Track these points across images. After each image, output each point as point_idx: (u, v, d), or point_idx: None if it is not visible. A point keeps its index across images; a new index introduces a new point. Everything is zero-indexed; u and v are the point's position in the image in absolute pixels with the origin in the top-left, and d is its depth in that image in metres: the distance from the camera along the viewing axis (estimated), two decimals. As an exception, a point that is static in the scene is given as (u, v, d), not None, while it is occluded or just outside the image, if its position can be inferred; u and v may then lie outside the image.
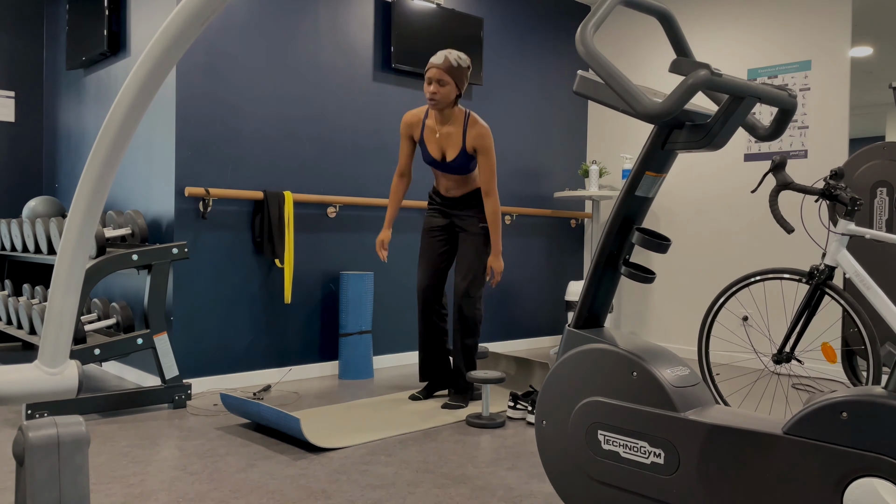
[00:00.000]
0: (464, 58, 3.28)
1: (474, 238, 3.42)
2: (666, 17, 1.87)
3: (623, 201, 1.85)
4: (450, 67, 3.22)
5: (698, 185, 5.07)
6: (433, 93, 3.23)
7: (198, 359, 3.66)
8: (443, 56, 3.23)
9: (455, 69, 3.23)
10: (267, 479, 2.39)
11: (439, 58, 3.24)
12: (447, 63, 3.22)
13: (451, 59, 3.23)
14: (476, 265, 3.39)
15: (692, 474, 1.64)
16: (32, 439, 1.45)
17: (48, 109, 4.94)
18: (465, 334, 3.41)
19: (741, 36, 4.87)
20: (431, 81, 3.23)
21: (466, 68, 3.28)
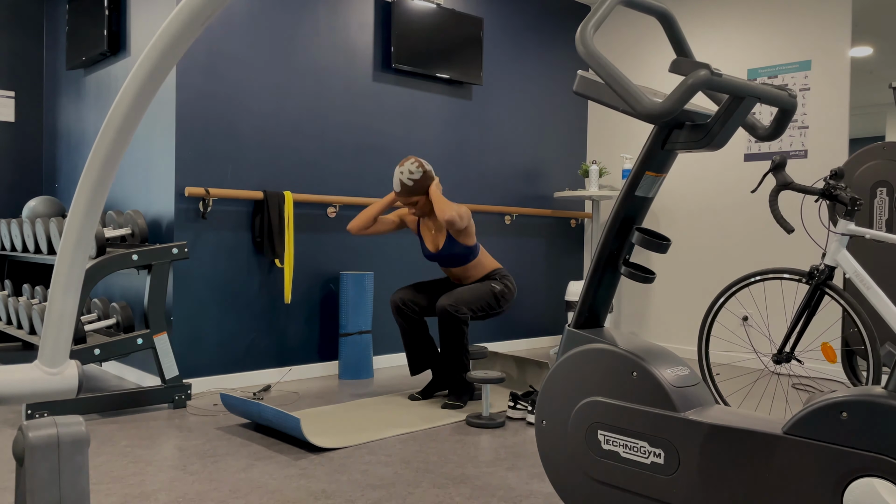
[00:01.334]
0: (414, 168, 3.38)
1: (480, 285, 3.47)
2: (666, 17, 1.87)
3: (623, 201, 1.85)
4: (408, 189, 3.38)
5: (698, 185, 5.07)
6: (412, 212, 3.48)
7: (198, 359, 3.66)
8: (398, 182, 3.40)
9: (413, 186, 3.38)
10: (267, 479, 2.39)
11: (396, 185, 3.42)
12: (404, 188, 3.39)
13: (405, 181, 3.38)
14: (470, 295, 3.39)
15: (692, 474, 1.64)
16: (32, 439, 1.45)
17: (48, 109, 4.94)
18: (451, 342, 3.37)
19: (741, 36, 4.87)
20: (405, 205, 3.47)
21: (422, 175, 3.38)
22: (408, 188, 3.38)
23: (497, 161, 5.08)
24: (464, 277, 3.58)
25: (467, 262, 3.51)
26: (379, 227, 3.57)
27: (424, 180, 3.39)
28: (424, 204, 3.44)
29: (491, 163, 5.04)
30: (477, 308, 3.40)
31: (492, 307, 3.45)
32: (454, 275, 3.60)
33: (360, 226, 3.53)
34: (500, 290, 3.48)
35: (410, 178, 3.37)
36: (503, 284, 3.51)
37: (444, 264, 3.56)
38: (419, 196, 3.40)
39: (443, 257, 3.51)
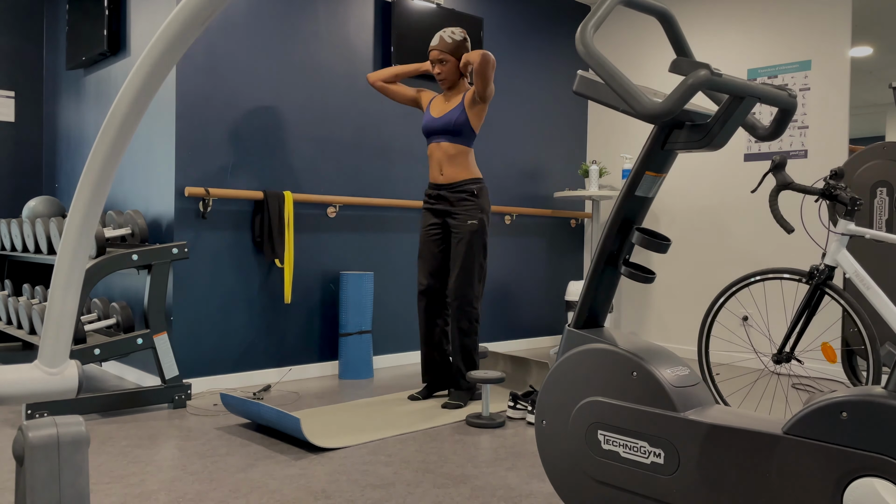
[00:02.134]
0: (457, 31, 3.47)
1: (466, 238, 3.41)
2: (666, 17, 1.87)
3: (623, 201, 1.85)
4: (446, 45, 3.44)
5: (698, 185, 5.07)
6: (438, 73, 3.49)
7: (198, 359, 3.66)
8: (438, 37, 3.46)
9: (451, 45, 3.45)
10: (267, 479, 2.39)
11: (435, 39, 3.48)
12: (443, 42, 3.45)
13: (446, 37, 3.45)
14: (468, 266, 3.39)
15: (692, 474, 1.64)
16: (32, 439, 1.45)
17: (48, 109, 4.94)
18: (463, 334, 3.41)
19: (741, 36, 4.87)
20: (435, 63, 3.48)
21: (462, 40, 3.47)
22: (446, 44, 3.43)
23: (497, 161, 5.08)
24: (447, 163, 3.45)
25: (459, 139, 3.42)
26: (395, 89, 3.62)
27: (462, 46, 3.46)
28: (451, 70, 3.47)
29: (491, 163, 5.04)
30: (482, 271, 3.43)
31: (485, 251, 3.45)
32: (440, 155, 3.47)
33: (381, 77, 3.60)
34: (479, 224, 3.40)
35: (451, 37, 3.44)
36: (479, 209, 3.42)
37: (439, 133, 3.45)
38: (451, 57, 3.45)
39: (443, 123, 3.43)
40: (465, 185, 3.45)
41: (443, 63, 3.45)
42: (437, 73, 3.48)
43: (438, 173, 3.50)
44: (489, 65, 3.27)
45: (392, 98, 3.66)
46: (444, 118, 3.46)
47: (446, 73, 3.46)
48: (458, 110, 3.43)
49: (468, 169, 3.47)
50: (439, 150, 3.49)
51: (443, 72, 3.46)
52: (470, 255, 3.39)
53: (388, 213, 4.44)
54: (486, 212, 3.46)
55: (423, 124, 3.55)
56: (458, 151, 3.45)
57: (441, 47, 3.43)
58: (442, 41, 3.43)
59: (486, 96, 3.38)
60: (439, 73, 3.47)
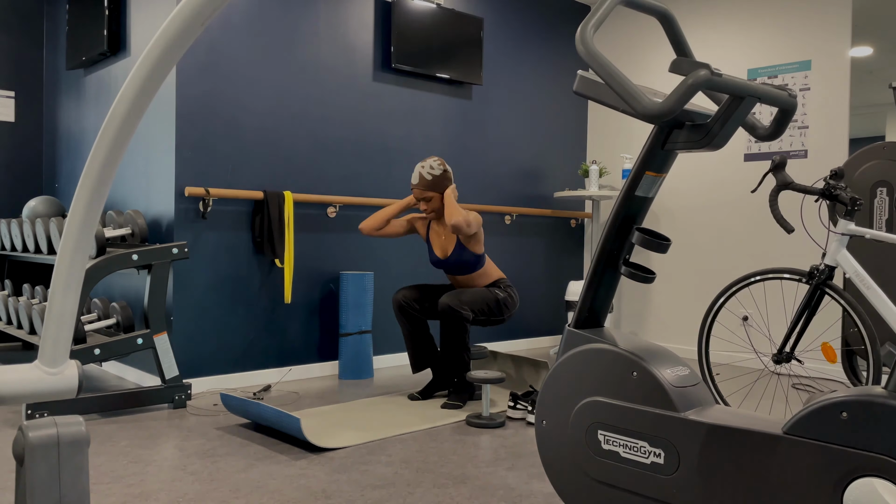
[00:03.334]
0: (436, 165, 3.46)
1: (483, 290, 3.49)
2: (666, 17, 1.87)
3: (623, 201, 1.85)
4: (426, 183, 3.45)
5: (698, 185, 5.07)
6: (424, 209, 3.53)
7: (198, 359, 3.66)
8: (417, 175, 3.47)
9: (431, 181, 3.45)
10: (267, 479, 2.39)
11: (415, 177, 3.48)
12: (423, 181, 3.46)
13: (425, 174, 3.45)
14: (472, 297, 3.42)
15: (692, 474, 1.64)
16: (32, 439, 1.45)
17: (48, 109, 4.94)
18: (453, 341, 3.38)
19: (741, 36, 4.87)
20: (419, 200, 3.50)
21: (442, 173, 3.47)
22: (426, 182, 3.44)
23: (497, 161, 5.08)
24: (469, 286, 3.60)
25: (475, 270, 3.53)
26: (390, 230, 3.61)
27: (443, 180, 3.46)
28: (437, 204, 3.49)
29: (491, 163, 5.04)
30: (479, 310, 3.42)
31: (493, 312, 3.47)
32: (459, 283, 3.62)
33: (373, 226, 3.57)
34: (503, 298, 3.51)
35: (430, 173, 3.44)
36: (507, 293, 3.54)
37: (451, 272, 3.58)
38: (434, 193, 3.46)
39: (451, 264, 3.53)
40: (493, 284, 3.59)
41: (427, 200, 3.48)
42: (424, 210, 3.51)
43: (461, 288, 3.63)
44: (462, 231, 3.32)
45: (390, 237, 3.72)
46: (450, 260, 3.52)
47: (432, 207, 3.50)
48: (458, 250, 3.50)
49: (490, 278, 3.60)
50: (456, 280, 3.62)
51: (429, 207, 3.50)
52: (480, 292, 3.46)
53: (388, 213, 4.43)
54: (512, 299, 3.54)
55: (431, 261, 3.62)
56: (474, 276, 3.57)
57: (421, 186, 3.45)
58: (422, 179, 3.45)
59: (473, 235, 3.44)
60: (426, 210, 3.51)
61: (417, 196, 3.48)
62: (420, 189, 3.46)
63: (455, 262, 3.52)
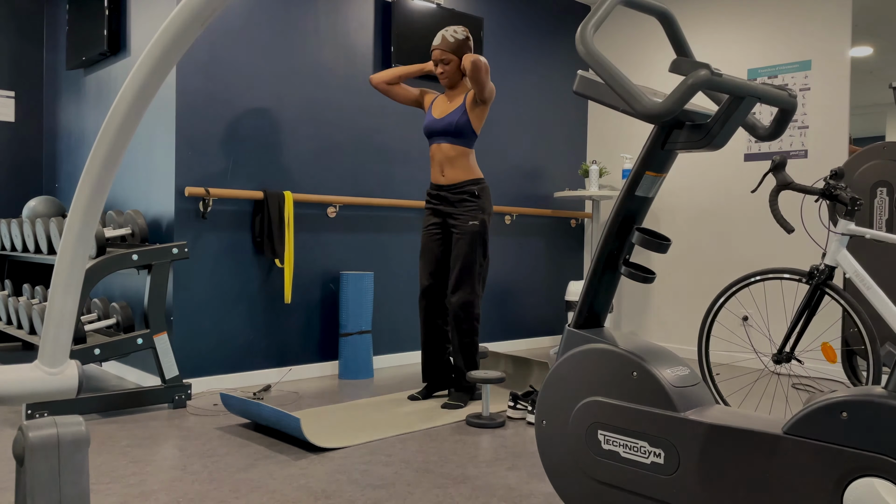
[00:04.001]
0: (459, 30, 3.45)
1: (466, 238, 3.41)
2: (666, 17, 1.87)
3: (623, 201, 1.85)
4: (448, 45, 3.43)
5: (698, 185, 5.07)
6: (440, 73, 3.48)
7: (198, 359, 3.66)
8: (440, 36, 3.45)
9: (453, 44, 3.43)
10: (267, 479, 2.39)
11: (438, 38, 3.46)
12: (445, 41, 3.43)
13: (448, 36, 3.43)
14: (468, 265, 3.39)
15: (692, 474, 1.64)
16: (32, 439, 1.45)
17: (48, 109, 4.94)
18: (463, 334, 3.41)
19: (741, 36, 4.87)
20: (437, 63, 3.46)
21: (465, 39, 3.45)
22: (448, 43, 3.41)
23: (497, 161, 5.08)
24: (448, 164, 3.45)
25: (460, 140, 3.42)
26: (397, 91, 3.60)
27: (464, 45, 3.43)
28: (454, 71, 3.45)
29: (491, 163, 5.04)
30: (482, 272, 3.43)
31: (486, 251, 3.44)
32: (441, 157, 3.47)
33: (384, 78, 3.57)
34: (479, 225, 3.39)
35: (454, 36, 3.42)
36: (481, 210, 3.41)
37: (440, 134, 3.45)
38: (453, 56, 3.43)
39: (444, 125, 3.43)
40: (466, 185, 3.44)
41: (445, 63, 3.43)
42: (440, 73, 3.46)
43: (440, 174, 3.50)
44: (480, 70, 3.27)
45: (395, 99, 3.64)
46: (445, 119, 3.45)
47: (448, 72, 3.45)
48: (460, 111, 3.43)
49: (469, 170, 3.47)
50: (440, 151, 3.49)
51: (445, 71, 3.45)
52: (470, 254, 3.39)
53: (388, 214, 4.44)
54: (487, 212, 3.45)
55: (425, 125, 3.55)
56: (458, 153, 3.45)
57: (443, 46, 3.41)
58: (444, 40, 3.42)
59: (486, 98, 3.38)
60: (441, 73, 3.46)
61: (437, 58, 3.44)
62: (441, 50, 3.40)
63: (450, 124, 3.42)
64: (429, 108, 3.59)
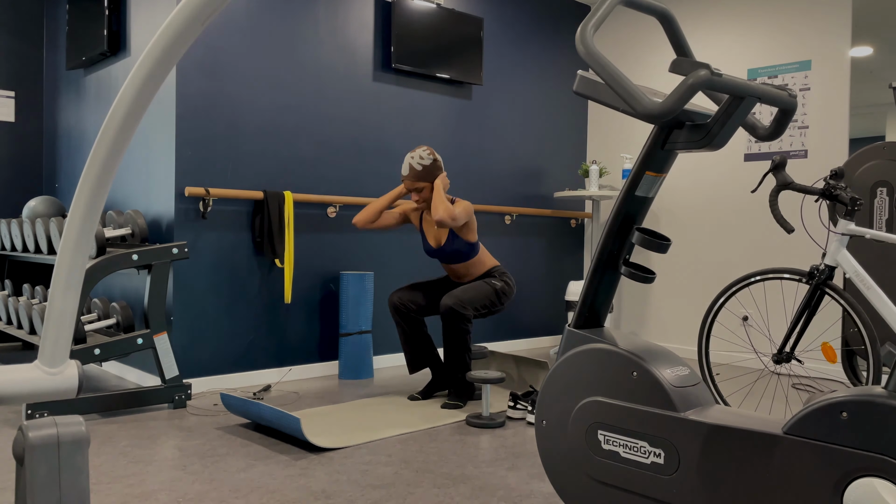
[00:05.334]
0: (425, 155, 3.44)
1: (480, 283, 3.49)
2: (666, 17, 1.87)
3: (623, 201, 1.85)
4: (416, 174, 3.43)
5: (698, 185, 5.07)
6: (416, 200, 3.51)
7: (198, 359, 3.66)
8: (407, 166, 3.45)
9: (421, 172, 3.43)
10: (267, 479, 2.39)
11: (405, 168, 3.46)
12: (413, 172, 3.44)
13: (415, 165, 3.43)
14: (472, 294, 3.41)
15: (692, 474, 1.64)
16: (32, 439, 1.45)
17: (48, 109, 4.94)
18: (454, 342, 3.39)
19: (741, 36, 4.87)
20: (410, 191, 3.50)
21: (432, 162, 3.45)
22: (416, 172, 3.42)
23: (497, 161, 5.08)
24: (464, 275, 3.59)
25: (468, 258, 3.52)
26: (384, 222, 3.60)
27: (433, 169, 3.44)
28: (429, 193, 3.48)
29: (491, 163, 5.04)
30: (480, 306, 3.42)
31: (493, 304, 3.47)
32: (454, 272, 3.61)
33: (366, 219, 3.56)
34: (500, 287, 3.50)
35: (420, 163, 3.42)
36: (503, 282, 3.53)
37: (445, 260, 3.57)
38: (425, 183, 3.45)
39: (444, 253, 3.52)
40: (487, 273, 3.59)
41: (418, 191, 3.47)
42: (415, 200, 3.50)
43: (456, 278, 3.65)
44: (446, 224, 3.30)
45: (383, 229, 3.68)
46: (444, 249, 3.52)
47: (424, 198, 3.48)
48: (452, 238, 3.49)
49: (485, 266, 3.60)
50: (451, 269, 3.62)
51: (420, 198, 3.48)
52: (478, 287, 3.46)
53: (388, 213, 4.43)
54: (508, 286, 3.54)
55: (426, 250, 3.62)
56: (468, 264, 3.57)
57: (412, 177, 3.43)
58: (412, 170, 3.43)
59: (464, 224, 3.44)
60: (418, 201, 3.49)
61: (408, 187, 3.47)
62: (410, 180, 3.44)
63: (449, 252, 3.52)
64: (421, 229, 3.63)
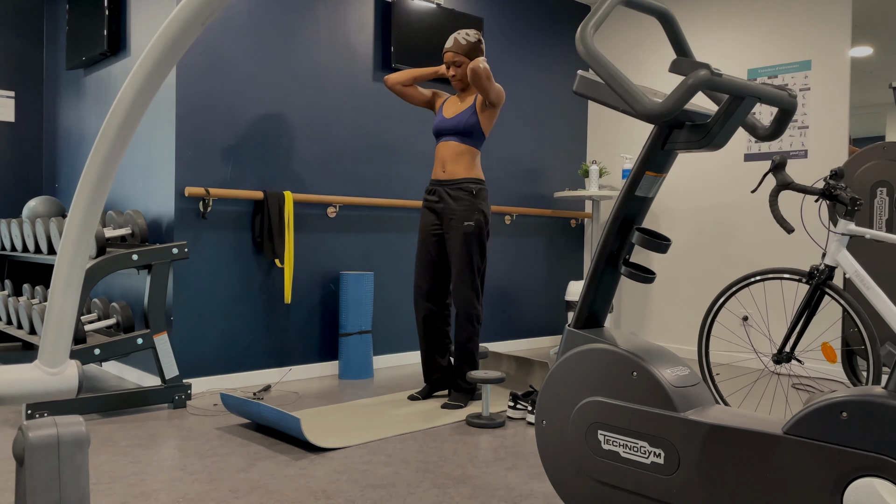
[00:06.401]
0: (471, 33, 3.47)
1: (462, 239, 3.41)
2: (666, 17, 1.87)
3: (623, 201, 1.85)
4: (460, 47, 3.45)
5: (698, 185, 5.07)
6: (452, 75, 3.50)
7: (198, 359, 3.66)
8: (452, 39, 3.47)
9: (465, 46, 3.45)
10: (267, 479, 2.39)
11: (450, 41, 3.48)
12: (457, 44, 3.45)
13: (460, 39, 3.46)
14: (467, 266, 3.39)
15: (692, 474, 1.64)
16: (32, 439, 1.45)
17: (48, 109, 4.94)
18: (465, 336, 3.41)
19: (741, 36, 4.87)
20: (449, 65, 3.49)
21: (476, 42, 3.47)
22: (460, 45, 3.43)
23: (497, 161, 5.08)
24: (451, 161, 3.46)
25: (467, 140, 3.45)
26: (411, 92, 3.62)
27: (476, 48, 3.45)
28: (465, 72, 3.46)
29: (491, 163, 5.04)
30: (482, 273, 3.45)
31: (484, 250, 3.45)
32: (446, 153, 3.48)
33: (398, 80, 3.58)
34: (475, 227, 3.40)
35: (465, 38, 3.43)
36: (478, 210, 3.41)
37: (448, 133, 3.48)
38: (465, 58, 3.45)
39: (454, 123, 3.46)
40: (465, 183, 3.44)
41: (457, 65, 3.46)
42: (452, 75, 3.48)
43: (441, 170, 3.50)
44: (480, 77, 3.27)
45: (408, 100, 3.65)
46: (455, 118, 3.47)
47: (461, 74, 3.47)
48: (470, 112, 3.45)
49: (471, 168, 3.47)
50: (446, 147, 3.49)
51: (457, 73, 3.47)
52: (467, 256, 3.39)
53: (388, 213, 4.44)
54: (484, 213, 3.45)
55: (435, 124, 3.56)
56: (464, 150, 3.46)
57: (455, 49, 3.44)
58: (456, 43, 3.44)
59: (494, 101, 3.39)
60: (454, 75, 3.48)
61: (448, 60, 3.46)
62: (453, 52, 3.43)
63: (459, 122, 3.45)
64: (440, 109, 3.61)
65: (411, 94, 3.62)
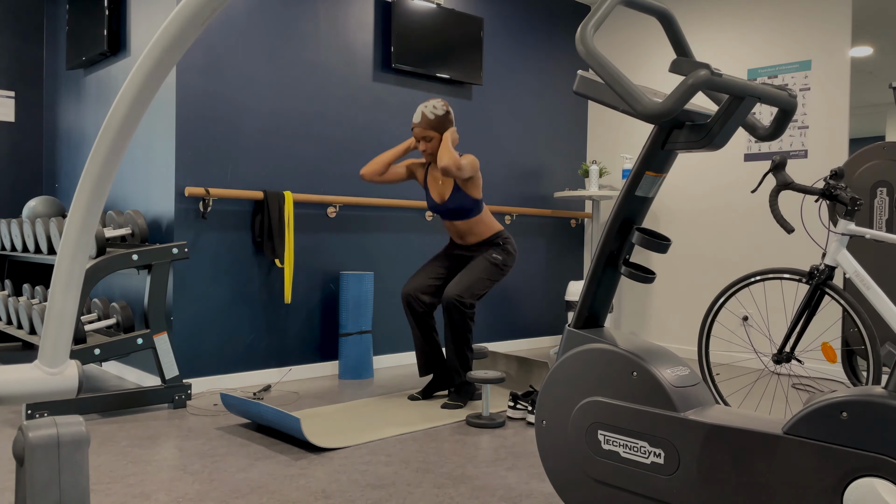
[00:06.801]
0: (439, 105, 3.41)
1: (482, 261, 3.46)
2: (666, 17, 1.87)
3: (623, 201, 1.85)
4: (428, 122, 3.39)
5: (698, 185, 5.07)
6: (423, 150, 3.45)
7: (198, 359, 3.66)
8: (420, 114, 3.41)
9: (433, 121, 3.39)
10: (267, 479, 2.39)
11: (417, 116, 3.42)
12: (424, 119, 3.39)
13: (427, 113, 3.39)
14: (474, 279, 3.40)
15: (692, 474, 1.64)
16: (32, 439, 1.45)
17: (48, 109, 4.94)
18: (457, 337, 3.40)
19: (741, 36, 4.87)
20: (419, 140, 3.42)
21: (445, 114, 3.41)
22: (427, 121, 3.37)
23: (497, 161, 5.08)
24: (466, 233, 3.53)
25: (471, 215, 3.47)
26: (389, 176, 3.57)
27: (444, 121, 3.40)
28: (436, 146, 3.43)
29: (491, 163, 5.04)
30: (484, 289, 3.43)
31: (495, 280, 3.47)
32: (457, 231, 3.56)
33: (374, 171, 3.53)
34: (501, 261, 3.47)
35: (433, 112, 3.39)
36: (505, 251, 3.50)
37: (448, 217, 3.52)
38: (435, 133, 3.40)
39: (448, 209, 3.48)
40: (490, 239, 3.53)
41: (427, 140, 3.41)
42: (423, 150, 3.44)
43: (459, 239, 3.59)
44: (451, 172, 3.27)
45: (388, 183, 3.63)
46: (447, 204, 3.48)
47: (431, 149, 3.43)
48: (456, 192, 3.45)
49: (488, 229, 3.54)
50: (454, 227, 3.57)
51: (427, 148, 3.43)
52: (480, 273, 3.43)
53: (388, 213, 4.44)
54: (510, 255, 3.52)
55: (428, 206, 3.58)
56: (473, 223, 3.52)
57: (423, 125, 3.39)
58: (424, 118, 3.39)
59: (470, 177, 3.39)
60: (425, 150, 3.44)
61: (418, 136, 3.41)
62: (421, 128, 3.39)
63: (452, 208, 3.47)
64: (425, 185, 3.59)
65: (390, 179, 3.58)
